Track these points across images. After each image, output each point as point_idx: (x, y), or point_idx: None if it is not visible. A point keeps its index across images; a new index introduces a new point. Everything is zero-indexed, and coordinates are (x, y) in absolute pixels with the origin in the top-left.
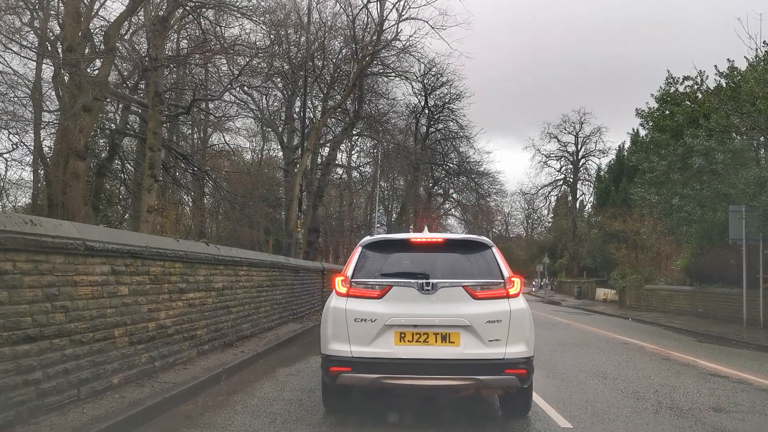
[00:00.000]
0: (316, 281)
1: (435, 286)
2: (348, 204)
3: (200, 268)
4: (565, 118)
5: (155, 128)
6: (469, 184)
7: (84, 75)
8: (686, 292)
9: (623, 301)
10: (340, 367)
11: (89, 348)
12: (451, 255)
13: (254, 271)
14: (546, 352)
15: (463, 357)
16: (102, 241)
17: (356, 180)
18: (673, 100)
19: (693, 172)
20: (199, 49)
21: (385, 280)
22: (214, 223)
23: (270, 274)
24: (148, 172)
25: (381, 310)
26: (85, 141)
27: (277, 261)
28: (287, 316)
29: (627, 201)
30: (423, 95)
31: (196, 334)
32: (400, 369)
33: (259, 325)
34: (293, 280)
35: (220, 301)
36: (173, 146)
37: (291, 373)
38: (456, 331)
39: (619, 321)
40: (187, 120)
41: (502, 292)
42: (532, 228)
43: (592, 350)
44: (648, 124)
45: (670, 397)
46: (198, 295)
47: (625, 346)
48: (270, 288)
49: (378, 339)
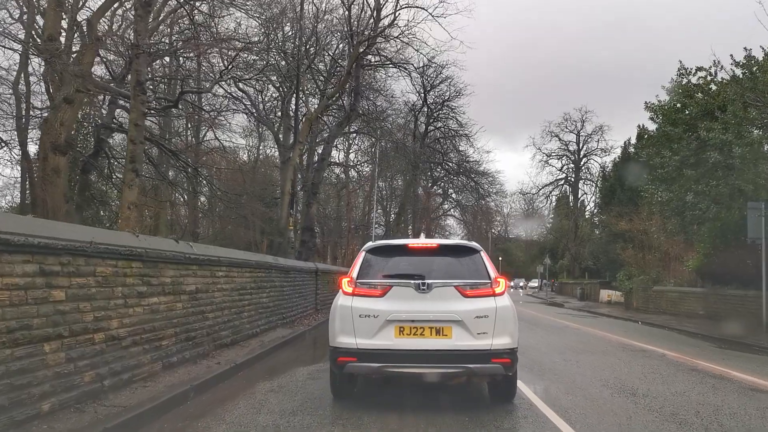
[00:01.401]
0: (309, 283)
1: (430, 286)
2: (346, 204)
3: (167, 268)
4: (566, 116)
5: (137, 119)
6: (468, 183)
7: (65, 65)
8: (698, 294)
9: (630, 303)
10: (347, 357)
11: (5, 368)
12: (444, 258)
13: (236, 272)
14: (560, 362)
15: (455, 348)
16: (24, 233)
17: (354, 180)
18: (685, 91)
19: (707, 168)
20: (190, 42)
21: (386, 281)
22: (210, 224)
23: (255, 276)
24: (129, 167)
25: (383, 307)
26: (67, 135)
27: (263, 261)
28: (276, 321)
29: (634, 199)
30: (422, 93)
31: (161, 344)
32: (399, 359)
33: (241, 332)
34: (283, 281)
35: (192, 305)
36: (162, 142)
37: (272, 389)
38: (448, 326)
39: (629, 324)
40: (180, 115)
41: (489, 291)
42: (531, 229)
43: (610, 359)
44: (658, 117)
45: (717, 420)
46: (164, 300)
47: (645, 354)
48: (255, 290)
49: (380, 332)
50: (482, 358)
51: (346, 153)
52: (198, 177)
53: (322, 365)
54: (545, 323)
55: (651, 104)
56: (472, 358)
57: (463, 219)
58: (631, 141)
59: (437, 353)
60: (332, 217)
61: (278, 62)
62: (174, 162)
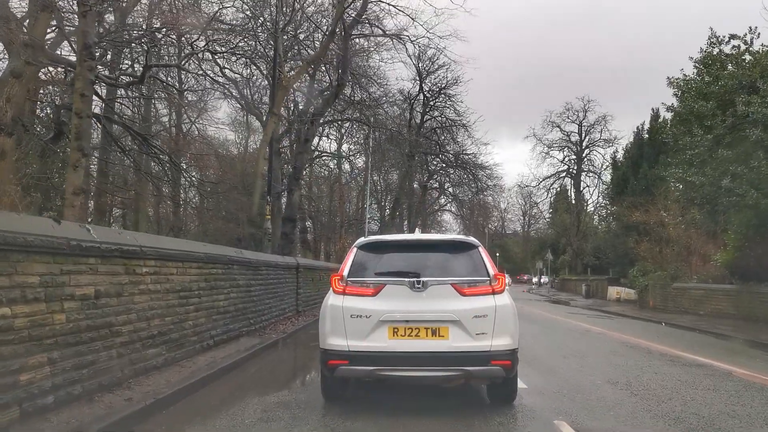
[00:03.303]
0: (288, 281)
1: (425, 284)
2: (338, 197)
3: (33, 262)
4: (567, 105)
5: (83, 89)
6: (464, 177)
7: (13, 33)
8: (728, 292)
9: (645, 301)
10: (338, 360)
11: None
12: (440, 254)
13: (173, 268)
14: (606, 388)
15: (452, 350)
16: None
17: (346, 173)
18: (717, 62)
19: (746, 147)
20: (157, 7)
21: (378, 279)
22: (191, 219)
23: (208, 273)
24: (73, 144)
25: (375, 307)
26: (15, 113)
27: (219, 254)
28: (239, 329)
29: (649, 189)
30: (418, 81)
31: (17, 380)
32: (393, 361)
33: (184, 347)
34: (250, 279)
35: (88, 317)
36: (129, 124)
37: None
38: (445, 326)
39: (653, 326)
40: (156, 96)
41: (487, 289)
42: (529, 224)
43: (669, 381)
44: (683, 94)
45: None
46: (25, 311)
47: (705, 371)
48: (207, 292)
49: (373, 334)
50: (481, 360)
51: (339, 144)
52: (175, 166)
53: (287, 394)
54: (561, 326)
55: (675, 79)
56: (470, 360)
57: (460, 214)
58: (644, 126)
59: (433, 355)
60: (325, 212)
61: (256, 30)
62: (145, 149)
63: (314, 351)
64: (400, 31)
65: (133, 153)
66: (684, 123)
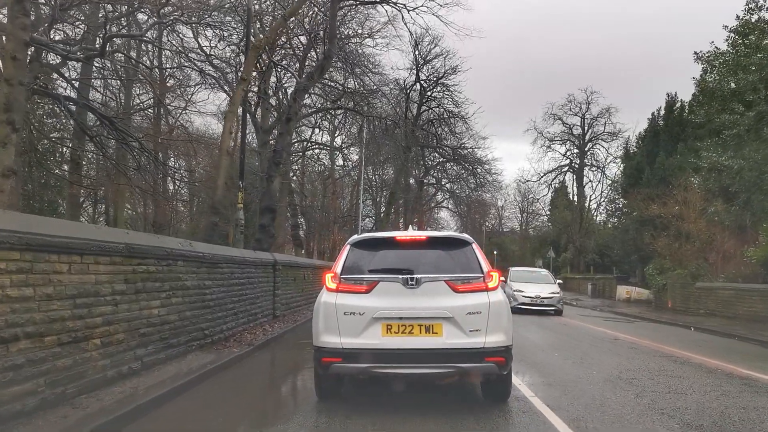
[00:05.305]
0: (262, 280)
1: (419, 280)
2: (331, 192)
3: None
4: (570, 97)
5: (15, 50)
6: (462, 173)
7: None
8: (764, 293)
9: (662, 301)
10: (332, 357)
11: None
12: (434, 251)
13: (62, 263)
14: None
15: (446, 346)
16: None
17: (339, 167)
18: (756, 30)
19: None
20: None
21: (372, 276)
22: (175, 215)
23: (128, 270)
24: (2, 117)
25: (369, 304)
26: None
27: (151, 245)
28: (185, 343)
29: (666, 179)
30: (414, 69)
31: None
32: (387, 358)
33: (84, 377)
34: (204, 279)
35: None
36: (93, 105)
37: None
38: (438, 323)
39: (681, 332)
40: (135, 79)
41: (481, 286)
42: (527, 222)
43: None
44: (715, 68)
45: None
46: None
47: None
48: (129, 296)
49: (366, 331)
50: (475, 357)
51: (332, 137)
52: (145, 152)
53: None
54: (580, 333)
55: (704, 54)
56: (464, 357)
57: (457, 211)
58: (660, 112)
59: (427, 352)
60: (317, 209)
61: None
62: (114, 135)
63: (293, 369)
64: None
65: (99, 139)
66: (717, 100)
